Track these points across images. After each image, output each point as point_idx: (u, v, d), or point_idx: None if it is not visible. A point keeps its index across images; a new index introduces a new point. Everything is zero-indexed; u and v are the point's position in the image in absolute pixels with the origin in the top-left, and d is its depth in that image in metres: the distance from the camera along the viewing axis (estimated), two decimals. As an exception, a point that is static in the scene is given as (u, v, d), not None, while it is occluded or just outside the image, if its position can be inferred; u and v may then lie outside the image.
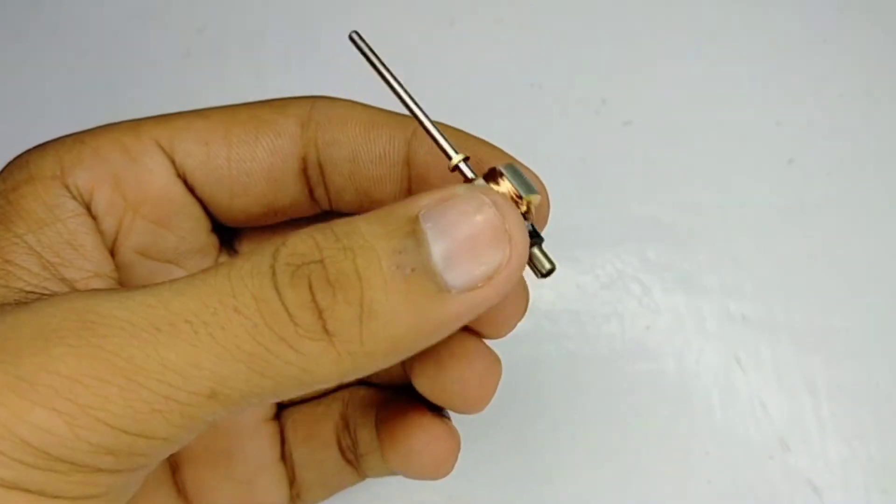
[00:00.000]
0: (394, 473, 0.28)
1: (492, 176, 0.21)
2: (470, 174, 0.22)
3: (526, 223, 0.21)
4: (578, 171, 0.39)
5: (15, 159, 0.24)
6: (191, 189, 0.25)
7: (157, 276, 0.26)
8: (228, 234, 0.27)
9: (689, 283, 0.37)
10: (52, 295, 0.21)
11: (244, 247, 0.28)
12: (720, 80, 0.40)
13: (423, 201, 0.20)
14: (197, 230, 0.26)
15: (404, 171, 0.25)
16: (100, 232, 0.24)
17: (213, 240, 0.27)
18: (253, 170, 0.25)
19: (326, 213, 0.27)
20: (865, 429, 0.35)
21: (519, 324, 0.25)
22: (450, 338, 0.22)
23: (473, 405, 0.25)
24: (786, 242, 0.37)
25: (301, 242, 0.20)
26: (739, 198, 0.38)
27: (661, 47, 0.41)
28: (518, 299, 0.25)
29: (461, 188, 0.21)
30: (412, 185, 0.25)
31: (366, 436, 0.28)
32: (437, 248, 0.20)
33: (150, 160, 0.25)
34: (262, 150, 0.25)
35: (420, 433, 0.26)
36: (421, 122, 0.23)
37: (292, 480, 0.29)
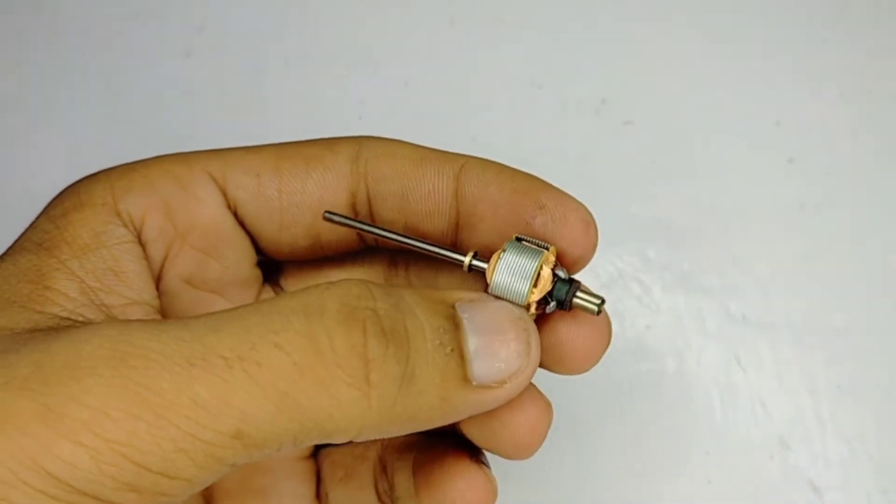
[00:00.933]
0: None
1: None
2: (483, 264, 0.23)
3: (556, 276, 0.23)
4: (578, 171, 0.39)
5: (67, 187, 0.24)
6: (240, 221, 0.26)
7: (200, 304, 0.26)
8: (272, 270, 0.28)
9: (689, 283, 0.37)
10: (87, 323, 0.21)
11: (288, 283, 0.28)
12: (720, 80, 0.40)
13: (457, 295, 0.22)
14: (242, 261, 0.26)
15: (453, 206, 0.25)
16: (146, 258, 0.24)
17: (257, 273, 0.27)
18: (303, 202, 0.25)
19: (371, 249, 0.27)
20: (865, 429, 0.35)
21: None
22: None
23: (523, 452, 0.25)
24: (786, 242, 0.37)
25: (355, 286, 0.20)
26: (739, 197, 0.38)
27: (661, 47, 0.41)
28: (601, 335, 0.25)
29: (491, 298, 0.23)
30: (461, 219, 0.26)
31: (403, 480, 0.28)
32: (472, 340, 0.21)
33: (201, 190, 0.25)
34: (312, 184, 0.25)
35: (458, 480, 0.25)
36: (421, 249, 0.24)
37: None
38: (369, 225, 0.25)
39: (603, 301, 0.23)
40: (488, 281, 0.23)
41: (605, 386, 0.36)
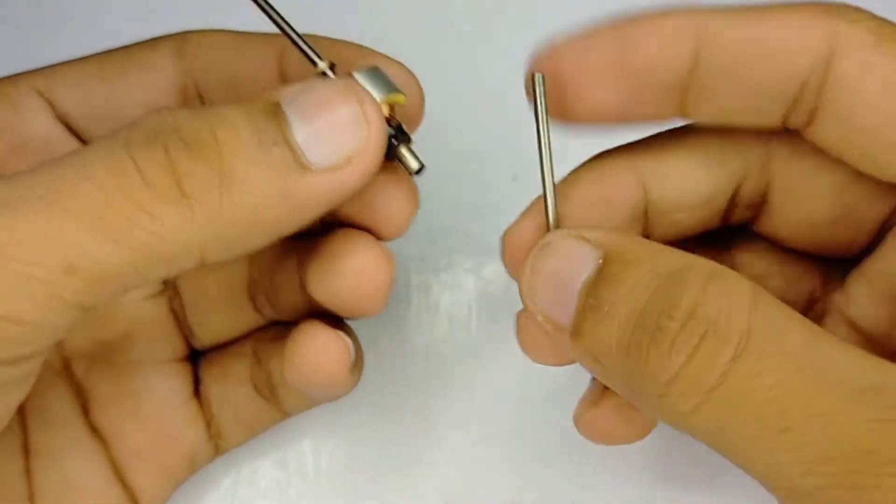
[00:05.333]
0: (308, 404, 0.29)
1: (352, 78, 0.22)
2: (334, 77, 0.23)
3: (390, 126, 0.23)
4: (578, 172, 0.39)
5: None
6: (74, 132, 0.26)
7: None
8: None
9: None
10: None
11: None
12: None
13: (284, 90, 0.21)
14: None
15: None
16: None
17: None
18: (131, 104, 0.25)
19: None
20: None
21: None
22: (341, 234, 0.24)
23: (367, 302, 0.25)
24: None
25: (159, 114, 0.20)
26: (739, 198, 0.38)
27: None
28: (402, 193, 0.25)
29: (319, 80, 0.22)
30: None
31: (277, 366, 0.28)
32: (298, 129, 0.21)
33: (27, 105, 0.25)
34: (137, 84, 0.26)
35: (308, 340, 0.25)
36: (283, 31, 0.23)
37: (210, 420, 0.30)
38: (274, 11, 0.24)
39: (423, 167, 0.23)
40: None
41: (605, 386, 0.36)
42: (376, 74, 0.23)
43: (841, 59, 0.21)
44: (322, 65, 0.23)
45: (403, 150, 0.23)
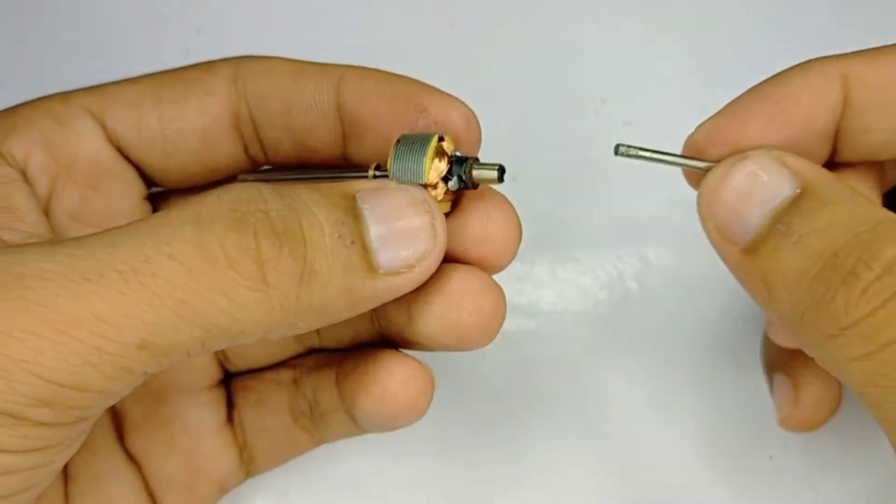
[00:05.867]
0: (356, 433, 0.29)
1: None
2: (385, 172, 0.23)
3: (449, 161, 0.23)
4: (578, 171, 0.39)
5: None
6: (124, 153, 0.26)
7: None
8: (161, 201, 0.28)
9: (689, 283, 0.37)
10: None
11: None
12: (721, 80, 0.40)
13: (358, 185, 0.22)
14: (128, 194, 0.26)
15: (336, 118, 0.26)
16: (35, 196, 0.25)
17: (145, 207, 0.27)
18: (185, 128, 0.25)
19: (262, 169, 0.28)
20: (866, 428, 0.35)
21: (520, 324, 0.25)
22: (454, 271, 0.24)
23: (484, 337, 0.25)
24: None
25: (244, 191, 0.20)
26: (739, 198, 0.38)
27: (661, 47, 0.41)
28: (511, 217, 0.25)
29: (393, 184, 0.23)
30: (346, 130, 0.26)
31: (326, 396, 0.28)
32: (374, 229, 0.21)
33: (79, 124, 0.25)
34: (192, 109, 0.25)
35: (396, 371, 0.25)
36: (323, 178, 0.25)
37: (243, 447, 0.29)
38: (282, 172, 0.26)
39: (502, 167, 0.23)
40: (389, 175, 0.23)
41: (606, 386, 0.36)
42: (411, 138, 0.23)
43: None
44: (370, 173, 0.24)
45: (475, 173, 0.23)
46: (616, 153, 0.24)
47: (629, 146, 0.24)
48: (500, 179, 0.23)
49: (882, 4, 0.41)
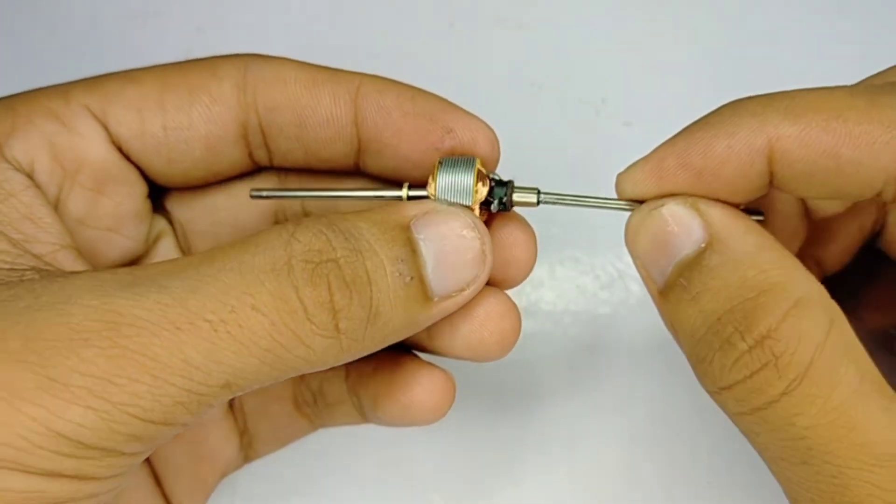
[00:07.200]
0: (360, 423, 0.29)
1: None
2: (423, 193, 0.24)
3: (491, 183, 0.24)
4: (578, 171, 0.39)
5: None
6: (126, 155, 0.25)
7: (97, 244, 0.26)
8: (159, 195, 0.28)
9: (689, 283, 0.37)
10: (33, 274, 0.21)
11: (174, 207, 0.28)
12: (721, 81, 0.40)
13: (410, 211, 0.23)
14: (134, 195, 0.26)
15: (353, 132, 0.25)
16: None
17: (148, 204, 0.27)
18: (190, 137, 0.25)
19: (263, 169, 0.27)
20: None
21: (522, 324, 0.26)
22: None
23: (501, 351, 0.26)
24: (786, 243, 0.37)
25: (315, 239, 0.21)
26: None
27: (661, 47, 0.41)
28: (531, 237, 0.26)
29: (443, 205, 0.23)
30: (363, 145, 0.26)
31: (333, 388, 0.29)
32: (430, 262, 0.22)
33: (83, 127, 0.24)
34: (198, 118, 0.25)
35: (424, 381, 0.26)
36: (354, 197, 0.25)
37: (243, 432, 0.30)
38: (297, 191, 0.26)
39: (539, 191, 0.24)
40: (431, 196, 0.24)
41: (606, 386, 0.36)
42: (453, 166, 0.24)
43: None
44: (404, 193, 0.24)
45: (516, 197, 0.24)
46: (538, 202, 0.25)
47: (549, 193, 0.25)
48: (538, 203, 0.25)
49: (880, 7, 0.41)
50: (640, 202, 0.24)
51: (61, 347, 0.19)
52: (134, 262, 0.27)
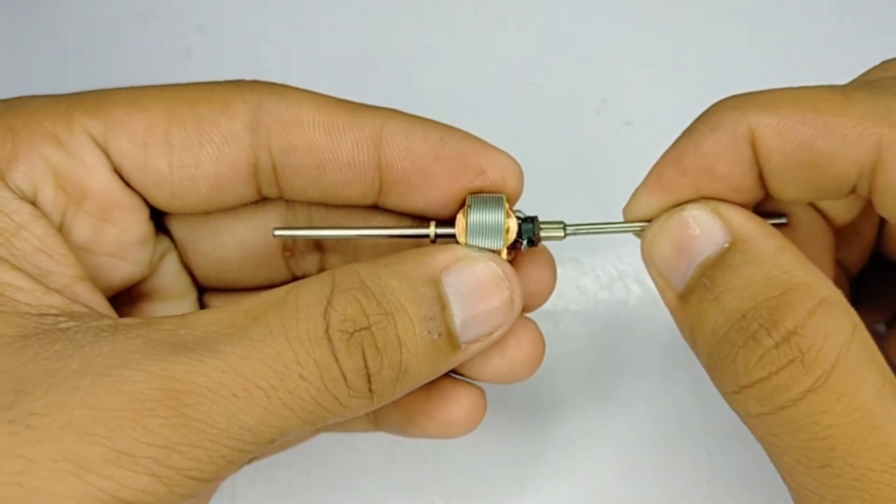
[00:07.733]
0: (370, 430, 0.30)
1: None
2: (451, 230, 0.24)
3: (518, 219, 0.24)
4: (578, 171, 0.39)
5: None
6: (128, 184, 0.25)
7: (101, 270, 0.25)
8: (162, 213, 0.27)
9: (690, 283, 0.37)
10: (73, 322, 0.21)
11: (176, 229, 0.27)
12: (720, 81, 0.40)
13: (440, 262, 0.23)
14: (138, 221, 0.25)
15: (376, 175, 0.25)
16: None
17: (151, 227, 0.26)
18: (196, 175, 0.24)
19: (266, 200, 0.27)
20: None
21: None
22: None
23: (526, 374, 0.26)
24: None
25: (350, 307, 0.22)
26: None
27: (661, 47, 0.41)
28: (546, 276, 0.26)
29: (474, 252, 0.24)
30: (385, 186, 0.25)
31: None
32: (458, 315, 0.23)
33: (87, 155, 0.24)
34: (207, 157, 0.24)
35: (463, 401, 0.27)
36: (385, 237, 0.25)
37: None
38: (322, 229, 0.26)
39: (565, 224, 0.25)
40: (462, 238, 0.24)
41: (606, 387, 0.36)
42: (481, 207, 0.24)
43: (886, 171, 0.22)
44: (431, 231, 0.25)
45: (543, 233, 0.25)
46: (564, 236, 0.25)
47: (574, 225, 0.25)
48: (565, 236, 0.25)
49: (880, 7, 0.41)
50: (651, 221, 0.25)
51: (127, 419, 0.19)
52: (138, 284, 0.27)
